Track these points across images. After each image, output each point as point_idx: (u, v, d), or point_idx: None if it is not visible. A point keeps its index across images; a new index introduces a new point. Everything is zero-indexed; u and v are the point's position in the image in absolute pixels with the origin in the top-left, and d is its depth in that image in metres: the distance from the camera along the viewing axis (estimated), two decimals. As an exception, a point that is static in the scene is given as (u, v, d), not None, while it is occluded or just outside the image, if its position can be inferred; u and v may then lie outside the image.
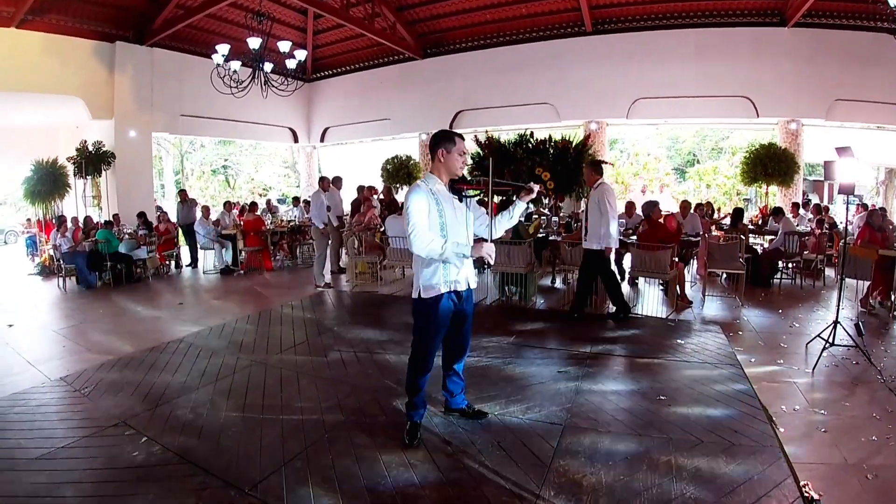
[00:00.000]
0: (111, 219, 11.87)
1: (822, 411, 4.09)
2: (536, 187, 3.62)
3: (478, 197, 3.64)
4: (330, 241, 9.85)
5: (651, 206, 7.60)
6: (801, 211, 11.50)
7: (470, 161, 9.34)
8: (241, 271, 10.95)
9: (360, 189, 11.52)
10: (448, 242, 3.27)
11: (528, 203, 3.94)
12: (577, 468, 3.29)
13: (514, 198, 3.66)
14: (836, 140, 10.04)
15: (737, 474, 3.17)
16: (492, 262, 3.34)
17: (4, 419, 4.24)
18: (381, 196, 12.52)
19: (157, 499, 3.09)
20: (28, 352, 5.99)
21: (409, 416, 3.74)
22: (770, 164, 11.91)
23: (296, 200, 16.20)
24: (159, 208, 14.10)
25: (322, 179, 10.15)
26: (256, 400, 4.51)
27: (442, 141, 3.45)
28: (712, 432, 3.68)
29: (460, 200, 3.52)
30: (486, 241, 3.37)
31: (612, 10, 13.40)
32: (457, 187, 3.48)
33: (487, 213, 3.57)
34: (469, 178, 3.50)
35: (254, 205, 12.06)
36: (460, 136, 3.51)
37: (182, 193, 13.16)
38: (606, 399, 4.31)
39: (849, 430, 3.77)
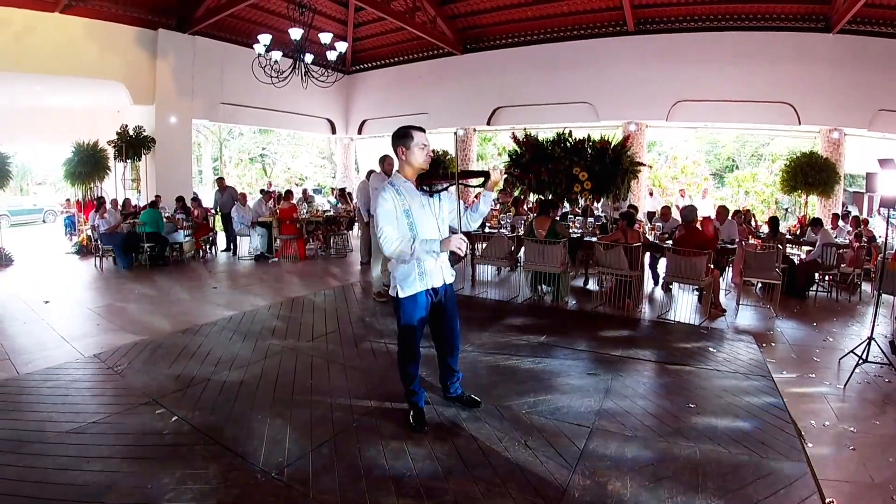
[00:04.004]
0: (154, 199, 12.05)
1: (852, 428, 4.02)
2: (499, 174, 3.57)
3: (445, 189, 3.62)
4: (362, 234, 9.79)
5: (692, 211, 7.49)
6: (841, 223, 11.23)
7: (507, 158, 9.35)
8: (275, 259, 11.09)
9: None
10: (416, 242, 3.37)
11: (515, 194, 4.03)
12: (603, 472, 3.29)
13: (483, 187, 3.62)
14: (878, 151, 9.82)
15: (762, 487, 3.14)
16: (461, 255, 3.36)
17: (37, 392, 4.38)
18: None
19: (185, 477, 3.16)
20: (63, 328, 6.14)
21: (412, 403, 3.87)
22: (811, 173, 11.66)
23: (343, 195, 15.45)
24: (195, 194, 14.32)
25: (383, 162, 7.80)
26: (286, 385, 4.59)
27: (398, 139, 3.51)
28: (740, 443, 3.65)
29: (430, 196, 3.58)
30: (455, 233, 3.45)
31: (654, 10, 13.19)
32: (425, 183, 3.53)
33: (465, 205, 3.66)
34: (436, 172, 3.56)
35: (289, 193, 12.18)
36: (418, 128, 3.51)
37: (220, 181, 13.35)
38: (635, 404, 4.28)
39: (877, 449, 3.71)
